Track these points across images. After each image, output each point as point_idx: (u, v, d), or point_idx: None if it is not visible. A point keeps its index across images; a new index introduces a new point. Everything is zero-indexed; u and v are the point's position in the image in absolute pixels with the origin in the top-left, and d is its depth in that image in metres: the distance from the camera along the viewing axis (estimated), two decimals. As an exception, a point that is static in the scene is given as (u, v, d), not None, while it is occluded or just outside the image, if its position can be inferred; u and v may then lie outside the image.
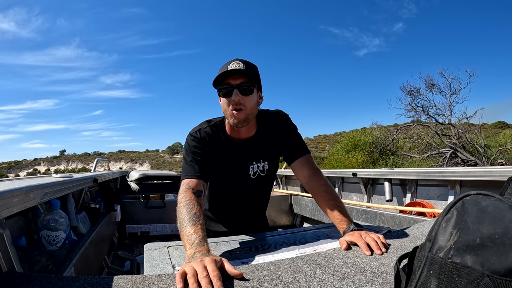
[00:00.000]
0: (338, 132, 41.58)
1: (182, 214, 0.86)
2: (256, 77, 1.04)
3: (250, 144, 1.14)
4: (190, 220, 0.83)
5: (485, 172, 1.58)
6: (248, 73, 1.00)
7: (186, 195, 0.94)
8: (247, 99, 1.01)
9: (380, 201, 2.42)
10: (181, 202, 0.91)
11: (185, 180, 1.00)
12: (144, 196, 3.35)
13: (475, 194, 0.48)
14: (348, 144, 11.92)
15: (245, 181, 1.18)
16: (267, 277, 0.64)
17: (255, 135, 1.13)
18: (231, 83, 1.00)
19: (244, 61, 1.03)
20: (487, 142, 10.41)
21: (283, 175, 3.68)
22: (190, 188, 0.97)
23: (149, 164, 46.39)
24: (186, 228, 0.81)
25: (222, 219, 1.27)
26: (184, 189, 0.97)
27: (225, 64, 1.03)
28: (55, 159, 56.79)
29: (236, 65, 1.00)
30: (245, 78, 1.00)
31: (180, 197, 0.94)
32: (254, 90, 1.04)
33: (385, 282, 0.62)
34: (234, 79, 1.00)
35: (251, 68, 1.03)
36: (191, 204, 0.89)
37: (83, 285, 0.60)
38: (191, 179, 1.00)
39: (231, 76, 1.00)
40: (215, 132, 1.11)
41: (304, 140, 1.20)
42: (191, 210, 0.87)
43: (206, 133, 1.09)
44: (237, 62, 1.01)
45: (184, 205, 0.89)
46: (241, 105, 1.00)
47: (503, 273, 0.39)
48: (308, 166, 1.12)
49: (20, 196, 0.93)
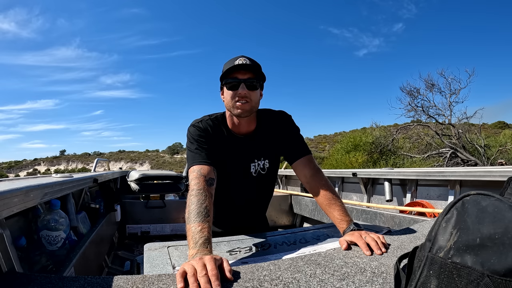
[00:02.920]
0: (338, 132, 41.60)
1: (193, 205, 0.84)
2: (261, 75, 1.08)
3: (251, 140, 1.15)
4: (199, 215, 0.81)
5: (485, 172, 1.58)
6: (255, 69, 1.05)
7: (199, 182, 0.91)
8: (252, 94, 1.05)
9: (380, 201, 2.42)
10: (193, 189, 0.89)
11: (195, 167, 0.96)
12: (144, 196, 3.35)
13: (475, 194, 0.48)
14: (348, 144, 11.91)
15: (246, 179, 1.18)
16: (267, 277, 0.64)
17: (255, 130, 1.16)
18: (239, 77, 1.04)
19: (250, 58, 1.07)
20: (487, 142, 10.41)
21: (283, 175, 3.68)
22: (203, 175, 0.94)
23: (149, 164, 46.38)
24: (194, 224, 0.79)
25: (223, 218, 1.27)
26: (196, 175, 0.93)
27: (231, 59, 1.06)
28: (55, 159, 56.78)
29: (243, 61, 1.03)
30: (252, 74, 1.05)
31: (192, 183, 0.91)
32: (259, 86, 1.08)
33: (385, 282, 0.62)
34: (242, 74, 1.04)
35: (257, 65, 1.08)
36: (203, 195, 0.86)
37: (83, 285, 0.60)
38: (201, 166, 0.97)
39: (239, 71, 1.04)
40: (217, 125, 1.12)
41: (304, 140, 1.21)
42: (203, 202, 0.84)
43: (208, 124, 1.10)
44: (244, 58, 1.05)
45: (195, 195, 0.87)
46: (246, 98, 1.04)
47: (503, 273, 0.39)
48: (309, 166, 1.13)
49: (20, 196, 0.93)
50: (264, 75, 1.09)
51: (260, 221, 1.34)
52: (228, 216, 1.27)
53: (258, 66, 1.08)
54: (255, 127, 1.16)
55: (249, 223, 1.28)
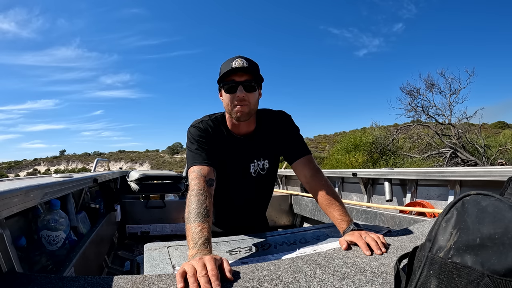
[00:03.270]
0: (338, 132, 41.59)
1: (193, 205, 0.84)
2: (258, 75, 1.07)
3: (250, 140, 1.15)
4: (199, 215, 0.81)
5: (485, 172, 1.58)
6: (252, 70, 1.03)
7: (199, 182, 0.91)
8: (250, 96, 1.04)
9: (380, 201, 2.42)
10: (193, 189, 0.89)
11: (195, 167, 0.97)
12: (144, 196, 3.35)
13: (475, 194, 0.48)
14: (348, 144, 11.91)
15: (246, 179, 1.18)
16: (267, 277, 0.64)
17: (255, 131, 1.16)
18: (236, 80, 1.03)
19: (247, 58, 1.05)
20: (487, 142, 10.41)
21: (283, 175, 3.68)
22: (203, 175, 0.94)
23: (149, 164, 46.37)
24: (193, 224, 0.79)
25: (222, 218, 1.27)
26: (196, 175, 0.94)
27: (228, 60, 1.05)
28: (55, 159, 56.76)
29: (240, 63, 1.02)
30: (249, 76, 1.03)
31: (192, 183, 0.92)
32: (257, 87, 1.07)
33: (385, 282, 0.62)
34: (239, 76, 1.03)
35: (254, 66, 1.06)
36: (203, 196, 0.87)
37: (83, 285, 0.60)
38: (202, 166, 0.98)
39: (236, 73, 1.02)
40: (217, 126, 1.12)
41: (304, 140, 1.21)
42: (203, 203, 0.85)
43: (208, 125, 1.11)
44: (240, 59, 1.03)
45: (196, 195, 0.87)
46: (245, 101, 1.03)
47: (503, 273, 0.39)
48: (309, 166, 1.13)
49: (20, 196, 0.93)
50: (262, 76, 1.08)
51: (259, 221, 1.34)
52: (227, 216, 1.27)
53: (256, 66, 1.07)
54: (255, 127, 1.16)
55: (248, 223, 1.28)
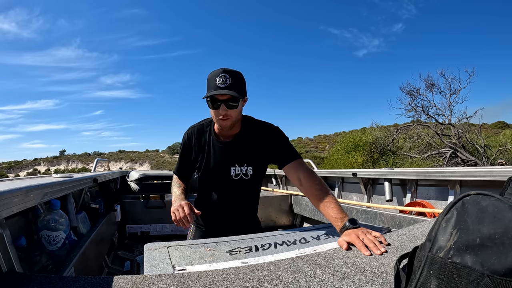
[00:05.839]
0: (338, 132, 41.49)
1: (174, 186, 1.33)
2: (241, 89, 1.12)
3: (233, 145, 1.21)
4: (178, 187, 1.31)
5: (485, 172, 1.58)
6: (234, 88, 1.08)
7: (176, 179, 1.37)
8: (232, 111, 1.12)
9: (380, 201, 2.42)
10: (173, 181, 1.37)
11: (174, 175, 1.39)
12: (144, 196, 3.35)
13: (475, 194, 0.48)
14: (348, 144, 11.92)
15: (227, 182, 1.24)
16: (267, 277, 0.64)
17: (239, 134, 1.23)
18: (219, 98, 1.10)
19: (230, 72, 1.10)
20: (487, 142, 10.42)
21: (283, 175, 3.67)
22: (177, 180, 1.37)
23: (149, 164, 46.36)
24: (174, 189, 1.31)
25: (210, 217, 1.32)
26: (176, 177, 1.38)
27: (213, 74, 1.10)
28: (55, 159, 56.74)
29: (223, 79, 1.07)
30: (231, 96, 1.09)
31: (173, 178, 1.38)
32: (239, 102, 1.13)
33: (385, 282, 0.62)
34: (222, 96, 1.09)
35: (237, 80, 1.11)
36: (179, 182, 1.35)
37: (83, 285, 0.60)
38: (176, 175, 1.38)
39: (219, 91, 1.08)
40: (202, 131, 1.26)
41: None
42: (180, 185, 1.33)
43: (193, 132, 1.27)
44: (223, 75, 1.08)
45: (175, 183, 1.35)
46: (227, 116, 1.12)
47: (503, 273, 0.39)
48: (301, 169, 1.15)
49: (20, 196, 0.93)
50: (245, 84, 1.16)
51: (249, 223, 1.35)
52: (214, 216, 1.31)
53: (239, 80, 1.12)
54: (238, 132, 1.22)
55: (237, 224, 1.30)
